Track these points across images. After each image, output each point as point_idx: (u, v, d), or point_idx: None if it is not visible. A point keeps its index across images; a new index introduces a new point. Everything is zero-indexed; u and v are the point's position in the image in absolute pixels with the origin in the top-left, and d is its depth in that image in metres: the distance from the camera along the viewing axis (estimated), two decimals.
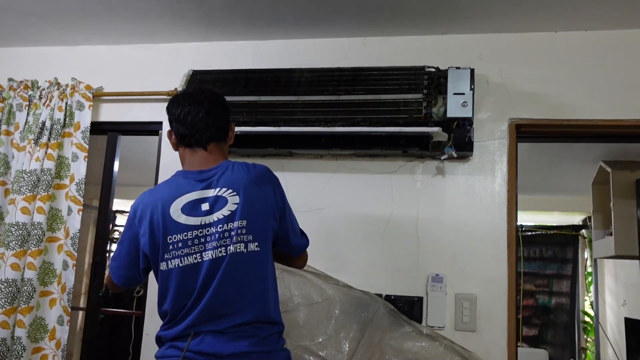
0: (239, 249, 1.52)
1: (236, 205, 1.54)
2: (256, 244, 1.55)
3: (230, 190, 1.56)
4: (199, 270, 1.51)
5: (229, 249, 1.51)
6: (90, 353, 2.59)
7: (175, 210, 1.54)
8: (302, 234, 1.76)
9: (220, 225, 1.52)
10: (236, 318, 1.50)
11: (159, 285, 1.57)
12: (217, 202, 1.54)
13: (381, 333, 2.07)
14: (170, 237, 1.53)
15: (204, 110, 1.64)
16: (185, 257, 1.52)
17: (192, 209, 1.54)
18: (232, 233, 1.52)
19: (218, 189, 1.56)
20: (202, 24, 2.47)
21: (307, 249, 1.77)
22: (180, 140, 1.67)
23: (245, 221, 1.53)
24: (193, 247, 1.52)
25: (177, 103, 1.67)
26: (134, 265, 1.63)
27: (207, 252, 1.51)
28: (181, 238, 1.52)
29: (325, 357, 1.98)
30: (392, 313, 2.14)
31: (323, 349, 1.98)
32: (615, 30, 2.28)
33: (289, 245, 1.70)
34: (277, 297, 1.64)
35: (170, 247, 1.53)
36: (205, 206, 1.54)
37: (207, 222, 1.53)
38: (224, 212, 1.54)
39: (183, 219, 1.53)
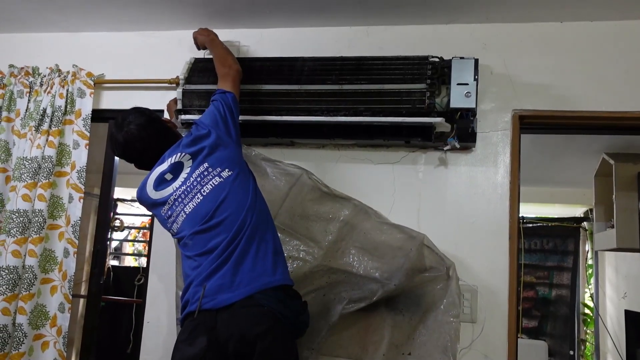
0: (216, 182, 1.78)
1: (191, 160, 1.82)
2: (227, 169, 1.81)
3: (178, 154, 1.85)
4: (195, 215, 1.76)
5: (207, 188, 1.76)
6: (91, 340, 2.60)
7: (151, 192, 1.85)
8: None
9: (189, 180, 1.79)
10: (230, 224, 1.73)
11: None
12: (175, 167, 1.83)
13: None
14: (162, 210, 1.84)
15: (146, 142, 1.92)
16: (179, 216, 1.79)
17: (160, 183, 1.84)
18: (202, 177, 1.78)
19: (169, 159, 1.85)
20: (204, 11, 2.45)
21: None
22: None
23: (206, 163, 1.81)
24: (178, 207, 1.79)
25: (128, 150, 1.93)
26: None
27: (189, 205, 1.77)
28: (168, 208, 1.82)
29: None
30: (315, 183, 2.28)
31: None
32: (621, 21, 2.25)
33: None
34: (269, 213, 1.88)
35: (167, 217, 1.83)
36: (168, 176, 1.83)
37: (177, 185, 1.81)
38: (186, 170, 1.82)
39: (158, 195, 1.83)
